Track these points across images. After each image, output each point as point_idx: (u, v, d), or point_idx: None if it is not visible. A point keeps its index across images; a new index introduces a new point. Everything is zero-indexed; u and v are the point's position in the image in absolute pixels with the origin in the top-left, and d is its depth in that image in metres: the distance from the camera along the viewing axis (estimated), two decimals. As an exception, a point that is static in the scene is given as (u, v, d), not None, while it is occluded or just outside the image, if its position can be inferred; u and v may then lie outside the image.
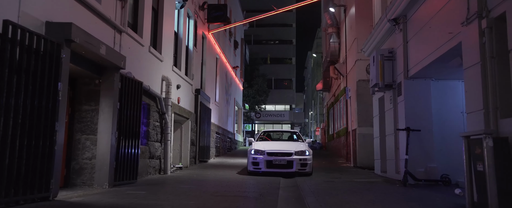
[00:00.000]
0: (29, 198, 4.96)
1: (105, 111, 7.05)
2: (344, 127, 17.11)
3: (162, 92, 10.24)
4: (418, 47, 7.93)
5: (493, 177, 4.40)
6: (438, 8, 6.75)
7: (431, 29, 7.08)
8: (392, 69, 9.31)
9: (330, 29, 18.84)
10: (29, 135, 4.90)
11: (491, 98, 4.93)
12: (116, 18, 7.61)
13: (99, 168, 6.91)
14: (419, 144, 8.18)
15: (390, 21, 8.90)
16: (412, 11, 8.10)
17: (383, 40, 10.09)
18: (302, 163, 10.04)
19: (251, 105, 35.60)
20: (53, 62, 5.32)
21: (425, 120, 8.25)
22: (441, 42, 6.60)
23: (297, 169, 10.02)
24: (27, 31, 4.87)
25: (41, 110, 5.10)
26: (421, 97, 8.37)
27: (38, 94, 5.06)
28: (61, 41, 5.47)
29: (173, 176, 9.58)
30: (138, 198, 5.70)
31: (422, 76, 8.24)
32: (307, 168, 10.11)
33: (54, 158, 5.33)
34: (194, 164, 13.22)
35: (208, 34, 15.94)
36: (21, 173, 4.77)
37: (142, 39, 8.97)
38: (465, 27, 5.58)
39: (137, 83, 8.10)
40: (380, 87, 9.53)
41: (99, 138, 6.98)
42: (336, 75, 18.75)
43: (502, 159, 4.46)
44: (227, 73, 21.21)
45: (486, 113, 5.01)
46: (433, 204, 5.49)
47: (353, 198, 6.13)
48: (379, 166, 10.77)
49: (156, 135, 9.84)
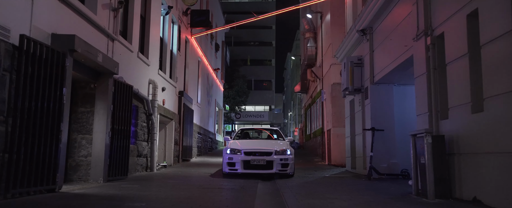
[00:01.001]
0: (38, 190, 5.70)
1: (100, 112, 7.81)
2: (320, 127, 18.18)
3: (149, 95, 11.01)
4: (382, 56, 8.99)
5: (431, 168, 5.42)
6: (397, 23, 7.80)
7: (392, 41, 8.14)
8: (360, 74, 10.36)
9: (308, 34, 19.91)
10: (39, 134, 5.65)
11: (434, 103, 5.97)
12: (109, 27, 8.36)
13: (95, 165, 7.66)
14: (382, 143, 9.23)
15: (358, 32, 9.94)
16: (377, 24, 9.16)
17: (353, 48, 11.14)
18: (283, 164, 9.25)
19: (232, 106, 36.47)
20: (59, 69, 6.08)
21: (388, 121, 9.32)
22: (399, 53, 7.65)
23: (277, 170, 9.23)
24: (38, 43, 5.62)
25: (48, 112, 5.85)
26: (385, 100, 9.44)
27: (47, 97, 5.81)
28: (65, 51, 6.23)
29: (159, 173, 10.37)
30: (133, 190, 6.50)
31: (386, 81, 9.30)
32: (289, 169, 9.32)
33: (59, 154, 6.08)
34: (177, 163, 14.00)
35: (191, 38, 16.72)
36: (32, 168, 5.52)
37: (131, 46, 9.72)
38: (415, 42, 6.62)
39: (128, 86, 8.87)
40: (350, 91, 10.57)
41: (94, 137, 7.73)
42: (313, 78, 19.83)
43: (439, 153, 5.49)
44: (208, 75, 22.01)
45: (430, 115, 6.05)
46: (387, 192, 6.50)
47: (323, 189, 7.09)
48: (349, 163, 11.82)
49: (143, 135, 10.60)
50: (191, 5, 14.34)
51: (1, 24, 5.05)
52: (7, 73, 5.16)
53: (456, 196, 5.38)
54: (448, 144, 5.56)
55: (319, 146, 18.68)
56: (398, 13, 7.73)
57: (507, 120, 4.28)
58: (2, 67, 5.06)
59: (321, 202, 5.37)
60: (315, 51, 19.62)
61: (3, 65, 5.08)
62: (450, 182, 5.47)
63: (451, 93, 5.57)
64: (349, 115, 11.95)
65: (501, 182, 4.39)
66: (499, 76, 4.43)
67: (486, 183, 4.70)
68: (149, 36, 11.19)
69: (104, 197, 5.63)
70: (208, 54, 21.73)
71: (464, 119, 5.21)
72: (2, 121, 5.07)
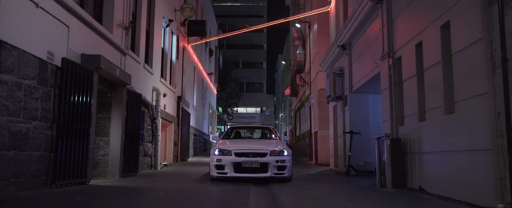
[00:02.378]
0: (73, 182, 7.07)
1: (116, 118, 9.18)
2: (308, 129, 19.68)
3: (153, 101, 12.38)
4: (358, 69, 10.49)
5: (390, 164, 6.92)
6: (369, 43, 9.30)
7: (366, 57, 9.64)
8: (341, 84, 11.85)
9: (297, 41, 21.39)
10: (74, 137, 7.01)
11: (394, 112, 7.47)
12: (122, 43, 9.73)
13: (111, 163, 9.04)
14: (359, 144, 10.73)
15: (339, 47, 11.44)
16: (355, 41, 10.66)
17: (335, 60, 12.64)
18: (280, 166, 8.31)
19: (224, 107, 37.86)
20: (88, 84, 7.45)
21: (364, 125, 10.83)
22: (371, 69, 9.15)
23: (272, 174, 8.29)
24: (74, 63, 6.99)
25: (81, 119, 7.22)
26: (362, 107, 10.95)
27: (79, 107, 7.18)
28: (93, 68, 7.60)
29: (163, 171, 11.76)
30: (148, 183, 7.90)
31: (362, 91, 10.81)
32: (286, 172, 8.40)
33: (89, 154, 7.46)
34: (176, 162, 15.38)
35: (187, 46, 18.11)
36: (69, 164, 6.88)
37: (138, 58, 11.09)
38: (382, 61, 8.12)
39: (137, 95, 10.26)
40: (332, 98, 12.06)
41: (111, 139, 9.11)
42: (301, 83, 21.32)
43: (396, 153, 6.99)
44: (203, 80, 23.40)
45: (391, 122, 7.55)
46: (358, 185, 7.99)
47: (306, 183, 8.55)
48: (333, 162, 13.32)
49: (148, 137, 11.98)
50: (189, 17, 15.71)
51: (49, 50, 6.42)
52: (52, 88, 6.53)
53: (408, 186, 6.88)
54: (403, 145, 7.06)
55: (307, 147, 20.17)
56: (370, 34, 9.23)
57: (439, 128, 5.77)
58: (49, 84, 6.43)
59: (303, 191, 6.83)
60: (303, 58, 21.11)
61: (49, 82, 6.44)
62: (404, 175, 6.97)
63: (406, 105, 7.08)
64: (332, 119, 13.45)
65: (436, 174, 5.88)
66: (435, 93, 5.92)
67: (427, 176, 6.20)
68: (153, 48, 12.56)
69: (128, 188, 7.02)
70: (203, 60, 23.11)
71: (413, 125, 6.71)
72: (49, 127, 6.44)
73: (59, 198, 5.45)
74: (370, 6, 8.55)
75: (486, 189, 4.54)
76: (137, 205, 4.99)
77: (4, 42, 5.33)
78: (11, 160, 5.53)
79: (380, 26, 8.21)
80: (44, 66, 6.27)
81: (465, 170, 5.04)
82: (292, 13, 22.91)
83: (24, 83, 5.78)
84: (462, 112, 5.14)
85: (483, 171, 4.61)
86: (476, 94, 4.78)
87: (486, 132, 4.54)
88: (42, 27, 6.26)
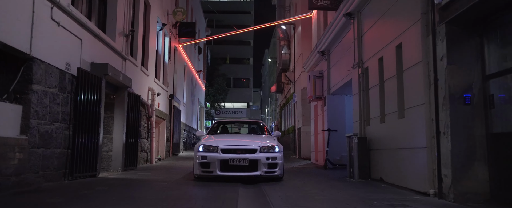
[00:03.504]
0: (86, 175, 8.25)
1: (118, 117, 10.34)
2: (293, 125, 21.05)
3: (148, 100, 13.53)
4: (335, 73, 11.83)
5: (357, 159, 8.28)
6: (344, 52, 10.62)
7: (341, 64, 10.97)
8: (321, 85, 13.19)
9: (282, 42, 22.68)
10: (86, 135, 8.18)
11: (362, 114, 8.82)
12: (123, 50, 10.86)
13: (115, 158, 10.21)
14: (336, 140, 12.08)
15: (319, 53, 12.75)
16: (332, 48, 11.98)
17: (316, 63, 13.97)
18: (270, 163, 7.78)
19: (212, 103, 39.02)
20: (97, 89, 8.60)
21: (340, 123, 12.19)
22: (345, 74, 10.49)
23: (263, 172, 7.74)
24: (86, 72, 8.14)
25: (91, 120, 8.38)
26: (338, 107, 12.30)
27: (91, 110, 8.34)
28: (101, 75, 8.75)
29: (158, 165, 12.96)
30: (149, 176, 9.11)
31: (339, 93, 12.15)
32: (277, 170, 7.87)
33: (99, 150, 8.63)
34: (169, 157, 16.59)
35: (178, 47, 19.22)
36: (83, 159, 8.05)
37: (136, 61, 12.22)
38: (353, 70, 9.45)
39: (136, 96, 11.42)
40: (313, 98, 13.40)
41: (114, 137, 10.27)
42: (286, 81, 22.65)
43: (363, 149, 8.35)
44: (192, 77, 24.53)
45: (360, 122, 8.90)
46: (332, 176, 9.35)
47: (287, 175, 9.85)
48: (313, 156, 14.71)
49: (144, 134, 13.15)
50: (180, 20, 16.82)
51: (67, 61, 7.56)
52: (69, 94, 7.68)
53: (372, 177, 8.26)
54: (369, 143, 8.42)
55: (291, 142, 21.56)
56: (345, 44, 10.55)
57: (394, 129, 7.12)
58: (67, 91, 7.58)
59: (283, 182, 8.13)
60: (288, 57, 22.42)
61: (67, 89, 7.60)
62: (369, 168, 8.34)
63: (371, 109, 8.43)
64: (313, 117, 14.81)
65: (391, 167, 7.25)
66: (391, 101, 7.27)
67: (385, 168, 7.57)
68: (148, 51, 13.69)
69: (134, 180, 8.24)
70: (192, 58, 24.22)
71: (376, 126, 8.07)
72: (67, 127, 7.60)
73: (81, 188, 6.64)
74: (345, 20, 9.85)
75: (423, 178, 5.91)
76: (150, 192, 6.22)
77: (35, 58, 6.47)
78: (40, 156, 6.70)
79: (352, 38, 9.53)
80: (63, 75, 7.42)
81: (410, 164, 6.41)
82: (278, 13, 24.16)
83: (49, 91, 6.93)
84: (409, 117, 6.50)
85: (421, 164, 5.98)
86: (418, 104, 6.13)
87: (424, 134, 5.90)
88: (61, 41, 7.39)
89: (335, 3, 10.36)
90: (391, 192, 6.43)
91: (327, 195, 6.07)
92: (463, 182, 5.23)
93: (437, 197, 5.53)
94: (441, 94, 5.52)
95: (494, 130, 5.17)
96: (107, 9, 10.27)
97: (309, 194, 6.17)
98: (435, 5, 5.66)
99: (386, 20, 7.50)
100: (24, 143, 6.23)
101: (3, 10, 5.69)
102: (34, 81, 6.47)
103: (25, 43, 6.23)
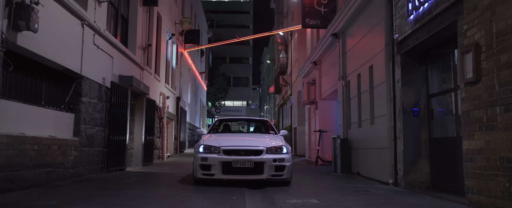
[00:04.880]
0: (116, 169, 10.12)
1: (138, 120, 12.22)
2: (289, 124, 22.94)
3: (160, 103, 15.40)
4: (326, 81, 13.71)
5: (340, 156, 10.18)
6: (333, 64, 12.49)
7: (330, 74, 12.85)
8: (314, 91, 15.07)
9: (280, 46, 24.52)
10: (117, 136, 10.05)
11: (345, 119, 10.72)
12: (141, 61, 12.71)
13: (135, 155, 12.09)
14: (326, 140, 13.98)
15: (312, 62, 14.63)
16: (323, 60, 13.85)
17: (310, 71, 15.85)
18: (278, 166, 7.18)
19: (213, 101, 40.92)
20: (124, 98, 10.47)
21: (330, 125, 14.08)
22: (333, 84, 12.36)
23: (269, 175, 7.14)
24: (116, 84, 10.00)
25: (120, 123, 10.25)
26: (328, 111, 14.19)
27: (120, 115, 10.20)
28: (127, 86, 10.62)
29: (170, 161, 14.85)
30: (166, 170, 10.98)
31: (329, 98, 14.04)
32: (285, 174, 7.30)
33: (126, 148, 10.51)
34: (176, 153, 18.48)
35: (184, 52, 21.07)
36: (115, 156, 9.92)
37: (150, 70, 14.08)
38: (338, 81, 11.33)
39: (152, 101, 13.29)
40: (306, 102, 15.29)
41: (135, 137, 12.15)
42: (284, 83, 24.51)
43: (345, 148, 10.24)
44: (196, 79, 26.39)
45: (343, 126, 10.80)
46: (320, 171, 11.24)
47: (283, 170, 11.75)
48: (307, 154, 16.62)
49: (157, 133, 15.03)
50: (187, 29, 18.67)
51: (103, 76, 9.42)
52: (105, 103, 9.55)
53: (351, 171, 10.16)
54: (349, 143, 10.32)
55: (288, 140, 23.45)
56: (333, 58, 12.42)
57: (367, 133, 9.01)
58: (103, 100, 9.45)
59: (279, 175, 10.00)
60: (286, 61, 24.27)
61: (103, 99, 9.46)
62: (349, 164, 10.24)
63: (352, 115, 10.32)
64: (307, 119, 16.72)
65: (366, 163, 9.14)
66: (366, 110, 9.16)
67: (361, 164, 9.48)
68: (160, 59, 15.55)
69: (155, 173, 10.11)
70: (196, 61, 26.08)
71: (355, 130, 9.97)
72: (103, 130, 9.47)
73: (119, 178, 8.52)
74: (332, 38, 11.71)
75: (385, 172, 7.81)
76: (174, 180, 8.07)
77: (84, 76, 8.33)
78: (86, 153, 8.57)
79: (338, 54, 11.41)
80: (100, 88, 9.28)
81: (377, 160, 8.31)
82: (276, 20, 25.97)
83: (91, 102, 8.80)
84: (377, 124, 8.39)
85: (384, 161, 7.87)
86: (382, 114, 8.02)
87: (386, 137, 7.79)
88: (99, 60, 9.25)
89: (324, 23, 12.20)
90: (363, 182, 8.32)
91: (312, 185, 7.95)
92: (411, 174, 7.12)
93: (394, 185, 7.43)
94: (398, 107, 7.41)
95: (434, 135, 7.06)
96: (128, 26, 12.11)
97: (297, 183, 8.05)
98: (394, 40, 7.54)
99: (363, 43, 9.37)
100: (76, 143, 8.10)
101: (65, 42, 7.54)
102: (82, 94, 8.33)
103: (77, 65, 8.09)
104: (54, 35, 7.05)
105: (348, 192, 6.77)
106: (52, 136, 7.16)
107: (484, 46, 4.80)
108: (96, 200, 5.31)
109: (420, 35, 6.59)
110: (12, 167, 5.89)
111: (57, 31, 7.17)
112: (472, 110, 5.05)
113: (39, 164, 6.65)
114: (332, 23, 11.35)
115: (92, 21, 8.61)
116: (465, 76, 5.17)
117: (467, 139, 5.16)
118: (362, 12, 9.32)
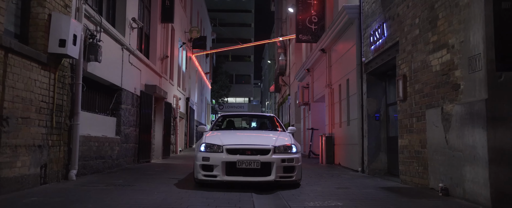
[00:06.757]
0: (144, 161, 12.70)
1: (158, 120, 14.78)
2: (288, 122, 25.49)
3: (173, 105, 17.96)
4: (317, 87, 16.23)
5: (325, 150, 12.74)
6: (322, 73, 14.99)
7: (319, 81, 15.37)
8: (307, 94, 17.59)
9: (280, 49, 27.00)
10: (144, 134, 12.61)
11: (330, 120, 13.26)
12: (159, 70, 15.24)
13: (156, 149, 14.66)
14: (317, 136, 16.52)
15: (305, 69, 17.15)
16: (315, 68, 16.37)
17: (304, 76, 18.38)
18: (287, 167, 6.69)
19: (216, 98, 43.53)
20: (149, 103, 13.02)
21: (321, 124, 16.63)
22: (322, 89, 14.88)
23: (277, 177, 6.61)
24: (144, 92, 12.54)
25: (147, 124, 12.81)
26: (319, 112, 16.72)
27: (146, 117, 12.76)
28: (151, 93, 13.17)
29: (182, 155, 17.44)
30: (183, 162, 13.54)
31: (320, 101, 16.56)
32: (295, 175, 6.83)
33: (151, 144, 13.10)
34: (186, 148, 21.08)
35: (192, 56, 23.60)
36: (143, 150, 12.48)
37: (166, 76, 16.61)
38: (326, 88, 13.85)
39: (169, 104, 15.85)
40: (301, 104, 17.83)
41: (156, 134, 14.71)
42: (283, 83, 27.03)
43: (329, 144, 12.79)
44: (201, 79, 28.94)
45: (329, 125, 13.34)
46: (311, 162, 13.80)
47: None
48: (302, 148, 19.19)
49: (172, 131, 17.61)
50: (195, 37, 21.20)
51: (134, 86, 11.97)
52: (136, 108, 12.10)
53: (334, 163, 12.72)
54: (333, 140, 12.85)
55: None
56: (322, 68, 14.93)
57: (345, 132, 11.54)
58: (135, 106, 12.00)
59: (276, 165, 12.56)
60: (285, 63, 26.76)
61: (135, 105, 12.01)
62: (333, 157, 12.79)
63: (335, 117, 12.86)
64: (302, 118, 19.27)
65: (344, 155, 11.68)
66: (344, 114, 11.69)
67: (341, 156, 12.03)
68: (173, 66, 18.08)
69: (175, 164, 12.66)
70: (201, 62, 28.61)
71: (337, 129, 12.51)
72: (135, 130, 12.03)
73: (150, 168, 11.07)
74: (320, 52, 14.20)
75: (356, 162, 10.36)
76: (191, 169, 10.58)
77: (123, 88, 10.88)
78: (124, 148, 11.13)
79: (325, 66, 13.91)
80: (133, 96, 11.83)
81: (351, 153, 10.85)
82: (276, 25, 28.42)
83: (127, 108, 11.35)
84: (352, 125, 10.93)
85: (356, 154, 10.42)
86: (355, 118, 10.55)
87: (357, 136, 10.32)
88: (132, 74, 11.79)
89: (315, 38, 14.69)
90: (339, 170, 10.87)
91: (300, 172, 10.48)
92: (373, 163, 9.67)
93: (361, 172, 9.99)
94: (364, 113, 9.94)
95: (390, 134, 9.60)
96: (150, 41, 14.63)
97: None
98: (362, 62, 10.06)
99: (343, 60, 11.88)
100: (118, 141, 10.67)
101: (112, 63, 10.07)
102: (122, 102, 10.88)
103: (118, 79, 10.62)
104: (107, 60, 9.59)
105: (326, 177, 9.31)
106: (104, 135, 9.73)
107: (408, 77, 7.33)
108: (149, 179, 7.88)
109: (377, 61, 9.11)
110: (84, 158, 8.46)
111: (108, 56, 9.71)
112: (402, 119, 7.58)
113: (98, 156, 9.22)
114: (320, 40, 13.86)
115: (128, 44, 11.13)
116: (399, 96, 7.70)
117: (400, 138, 7.71)
118: (342, 36, 11.83)
